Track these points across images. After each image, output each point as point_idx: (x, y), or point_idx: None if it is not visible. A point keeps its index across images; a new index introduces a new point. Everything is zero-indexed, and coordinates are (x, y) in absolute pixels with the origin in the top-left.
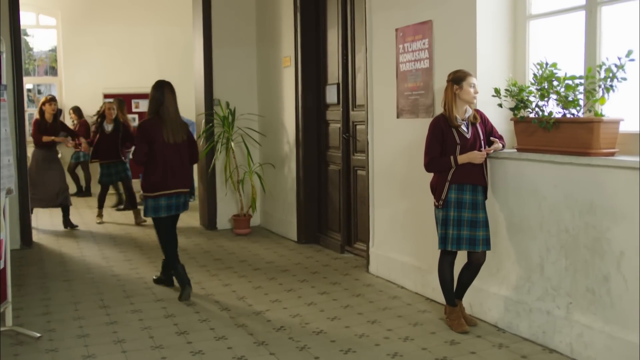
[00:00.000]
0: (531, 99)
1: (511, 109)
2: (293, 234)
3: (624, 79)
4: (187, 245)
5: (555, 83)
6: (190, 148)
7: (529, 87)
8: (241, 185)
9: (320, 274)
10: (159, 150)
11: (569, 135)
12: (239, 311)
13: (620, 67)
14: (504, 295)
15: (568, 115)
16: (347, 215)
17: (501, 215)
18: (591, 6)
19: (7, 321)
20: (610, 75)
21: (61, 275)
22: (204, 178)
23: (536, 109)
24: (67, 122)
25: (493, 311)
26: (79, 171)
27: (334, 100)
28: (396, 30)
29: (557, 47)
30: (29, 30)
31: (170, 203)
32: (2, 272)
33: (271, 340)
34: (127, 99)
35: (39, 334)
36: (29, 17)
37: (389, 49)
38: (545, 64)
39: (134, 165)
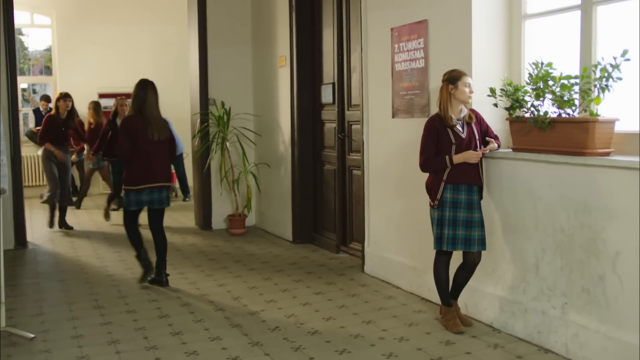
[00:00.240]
0: (527, 98)
1: (506, 108)
2: (288, 234)
3: (620, 79)
4: (182, 245)
5: (550, 83)
6: (171, 145)
7: (524, 87)
8: (236, 185)
9: (315, 274)
10: (142, 147)
11: (565, 135)
12: (233, 311)
13: (615, 67)
14: (500, 295)
15: (563, 115)
16: (343, 215)
17: (496, 215)
18: (586, 6)
19: (1, 322)
20: (606, 75)
21: (55, 275)
22: (199, 178)
23: (532, 108)
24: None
25: (488, 311)
26: (74, 171)
27: (330, 99)
28: (391, 29)
29: (553, 47)
30: (24, 30)
31: (152, 198)
32: None
33: (266, 340)
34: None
35: (32, 335)
36: (23, 17)
37: (384, 48)
38: (541, 63)
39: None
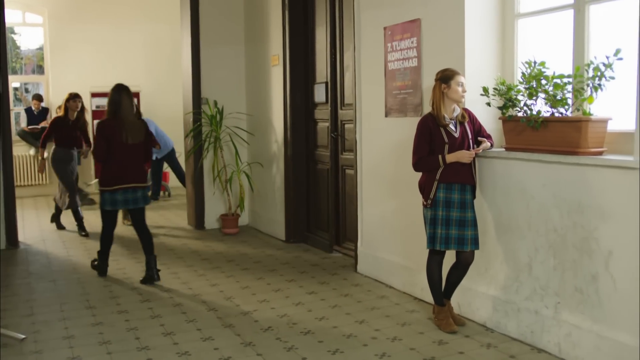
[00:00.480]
0: (519, 97)
1: (499, 107)
2: (281, 234)
3: (612, 78)
4: (175, 245)
5: (543, 82)
6: (146, 147)
7: (517, 86)
8: (229, 185)
9: (308, 274)
10: (117, 149)
11: (557, 134)
12: (226, 311)
13: (608, 66)
14: (493, 295)
15: (556, 114)
16: (336, 214)
17: (489, 215)
18: (579, 5)
19: None
20: (599, 74)
21: (47, 275)
22: (192, 177)
23: (524, 107)
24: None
25: (481, 311)
26: None
27: (323, 99)
28: (384, 28)
29: (546, 46)
30: (16, 29)
31: (126, 197)
32: None
33: (258, 340)
34: None
35: (23, 336)
36: (15, 15)
37: (377, 47)
38: (534, 62)
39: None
